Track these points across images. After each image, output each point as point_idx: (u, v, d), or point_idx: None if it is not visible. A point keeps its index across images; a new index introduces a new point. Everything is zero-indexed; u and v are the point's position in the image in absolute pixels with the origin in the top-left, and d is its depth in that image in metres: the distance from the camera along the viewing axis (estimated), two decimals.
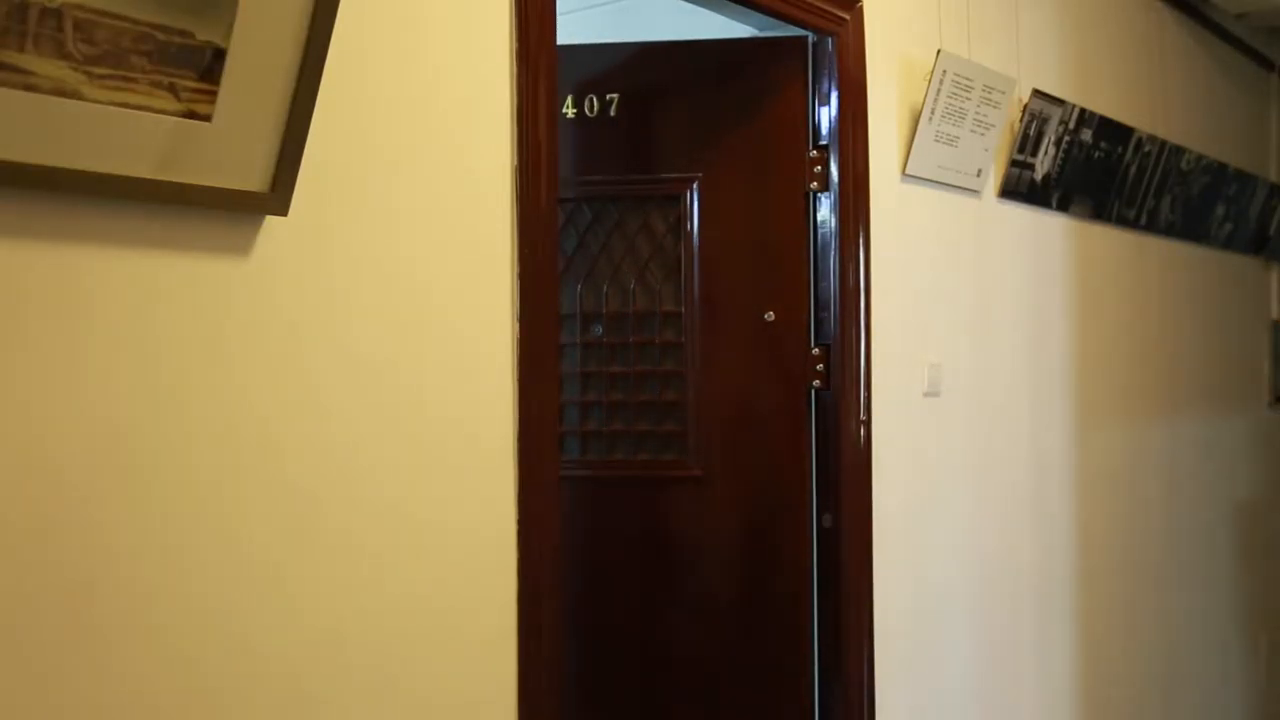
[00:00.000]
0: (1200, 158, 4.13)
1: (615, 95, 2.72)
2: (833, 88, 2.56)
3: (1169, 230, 4.08)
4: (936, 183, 2.87)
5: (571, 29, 2.15)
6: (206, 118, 1.36)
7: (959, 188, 2.96)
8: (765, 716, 2.69)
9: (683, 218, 2.73)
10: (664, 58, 2.74)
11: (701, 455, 2.72)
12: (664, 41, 2.74)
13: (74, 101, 1.25)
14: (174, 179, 1.36)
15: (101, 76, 1.26)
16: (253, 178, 1.44)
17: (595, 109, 2.73)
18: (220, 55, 1.35)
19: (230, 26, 1.35)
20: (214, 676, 1.46)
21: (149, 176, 1.34)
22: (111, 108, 1.28)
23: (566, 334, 2.79)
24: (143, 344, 1.39)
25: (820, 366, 2.61)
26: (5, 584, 1.27)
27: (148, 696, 1.39)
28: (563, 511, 1.96)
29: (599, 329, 2.76)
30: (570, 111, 2.74)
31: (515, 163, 1.84)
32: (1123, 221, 3.78)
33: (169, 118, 1.33)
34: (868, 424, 2.63)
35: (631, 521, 2.83)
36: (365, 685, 1.63)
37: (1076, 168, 3.43)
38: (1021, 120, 3.11)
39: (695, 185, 2.71)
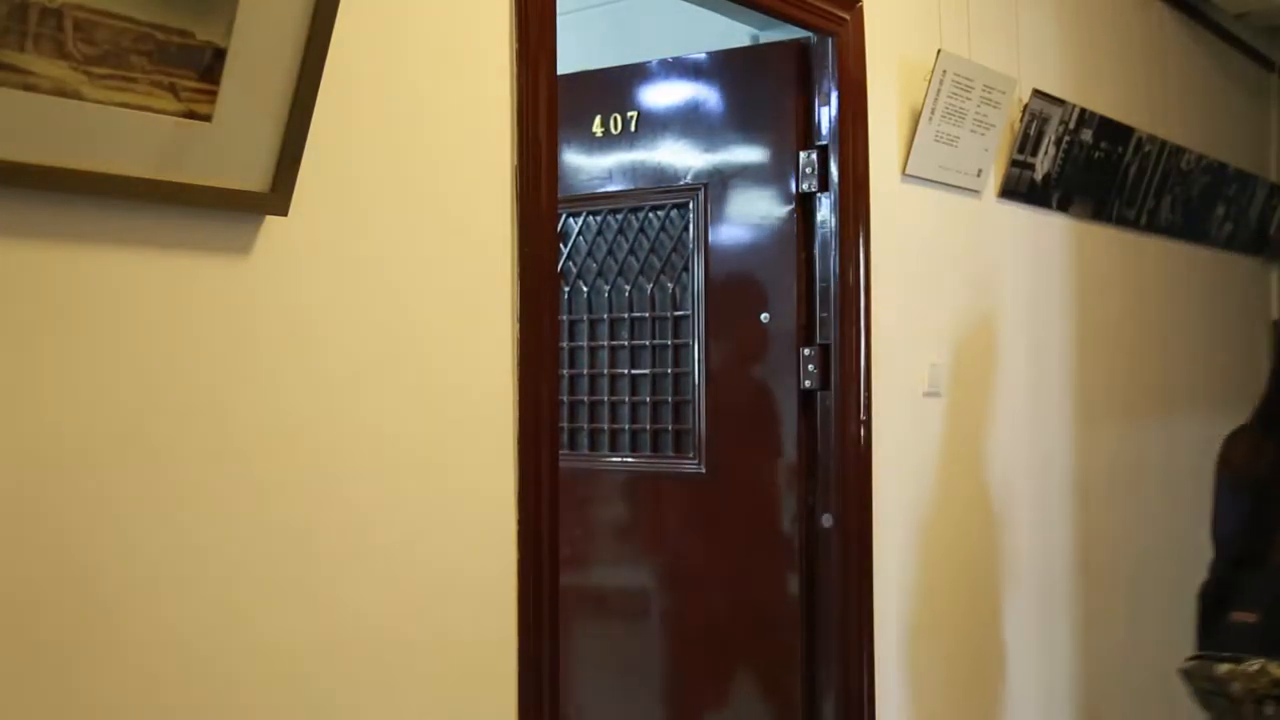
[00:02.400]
0: (1200, 158, 4.13)
1: (635, 113, 2.86)
2: (833, 88, 2.56)
3: (1169, 230, 4.08)
4: (936, 183, 2.87)
5: (572, 29, 2.15)
6: (206, 118, 1.36)
7: (959, 188, 2.96)
8: (764, 715, 2.69)
9: (690, 223, 2.78)
10: (676, 72, 2.83)
11: (705, 453, 2.74)
12: (676, 58, 2.83)
13: (74, 101, 1.25)
14: (174, 179, 1.36)
15: (101, 76, 1.26)
16: (253, 178, 1.44)
17: (619, 127, 2.87)
18: (220, 55, 1.35)
19: (230, 26, 1.35)
20: (219, 671, 1.46)
21: (149, 176, 1.34)
22: (111, 108, 1.28)
23: (583, 337, 2.93)
24: (142, 343, 1.39)
25: (821, 366, 2.61)
26: (14, 577, 1.27)
27: (153, 691, 1.39)
28: (566, 506, 1.98)
29: (625, 334, 2.89)
30: (599, 130, 2.89)
31: (515, 163, 1.84)
32: (1123, 221, 3.78)
33: (169, 118, 1.33)
34: (868, 424, 2.63)
35: (635, 516, 2.87)
36: (367, 682, 1.63)
37: (1076, 168, 3.43)
38: (1021, 120, 3.11)
39: (702, 192, 2.75)
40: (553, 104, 1.89)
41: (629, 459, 2.88)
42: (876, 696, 2.64)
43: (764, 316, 2.66)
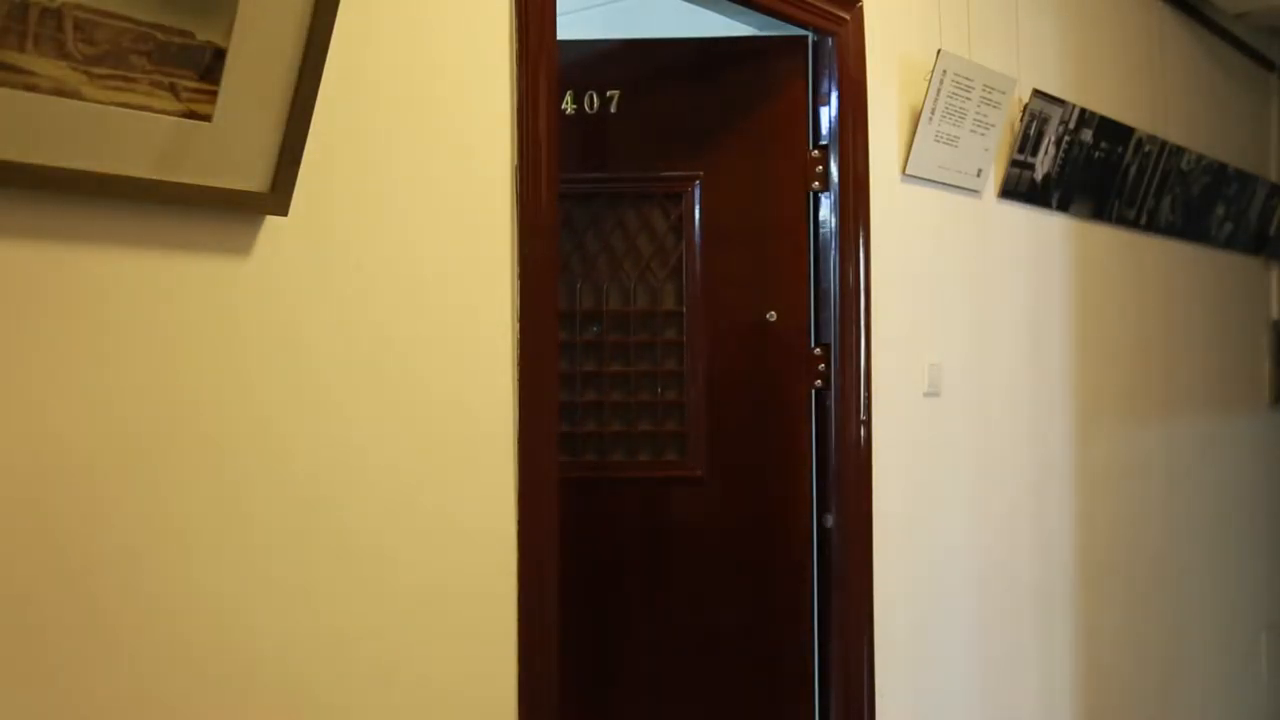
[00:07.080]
0: (1200, 158, 4.13)
1: (616, 91, 2.72)
2: (833, 87, 2.56)
3: (1169, 230, 4.08)
4: (936, 183, 2.87)
5: (572, 30, 2.15)
6: (206, 118, 1.36)
7: (959, 188, 2.96)
8: (766, 716, 2.69)
9: (684, 216, 2.72)
10: (665, 54, 2.74)
11: (702, 455, 2.72)
12: (665, 38, 2.74)
13: (74, 101, 1.25)
14: (174, 179, 1.36)
15: (101, 76, 1.26)
16: (253, 178, 1.44)
17: (595, 105, 2.72)
18: (220, 55, 1.35)
19: (230, 26, 1.35)
20: (218, 672, 1.46)
21: (149, 176, 1.34)
22: (111, 108, 1.28)
23: (565, 333, 2.76)
24: (143, 344, 1.39)
25: (820, 366, 2.61)
26: (10, 580, 1.27)
27: (152, 692, 1.39)
28: (563, 511, 1.97)
29: (596, 328, 2.76)
30: (570, 107, 2.72)
31: (515, 162, 1.84)
32: (1123, 221, 3.78)
33: (169, 118, 1.33)
34: (868, 424, 2.63)
35: (632, 522, 2.83)
36: (366, 682, 1.63)
37: (1076, 168, 3.43)
38: (1021, 120, 3.11)
39: (697, 184, 2.71)
40: (553, 104, 1.90)
41: (619, 461, 2.76)
42: (878, 695, 2.64)
43: (771, 315, 2.64)
